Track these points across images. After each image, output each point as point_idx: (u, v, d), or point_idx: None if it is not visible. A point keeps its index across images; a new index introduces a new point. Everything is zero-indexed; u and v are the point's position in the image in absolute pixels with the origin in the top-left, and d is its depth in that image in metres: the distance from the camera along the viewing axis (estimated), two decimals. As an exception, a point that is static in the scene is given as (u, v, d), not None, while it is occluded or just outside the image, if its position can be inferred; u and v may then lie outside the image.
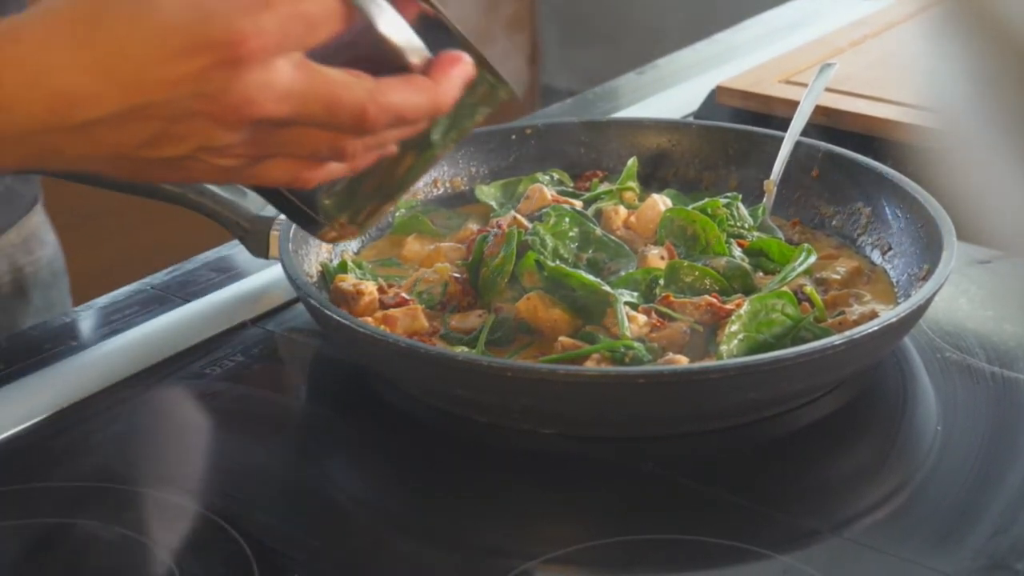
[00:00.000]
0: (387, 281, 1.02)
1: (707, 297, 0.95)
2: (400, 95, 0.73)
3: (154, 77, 0.69)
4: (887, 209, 1.05)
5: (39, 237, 1.22)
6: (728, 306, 0.94)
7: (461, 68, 0.75)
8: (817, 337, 0.90)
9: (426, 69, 0.74)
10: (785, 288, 0.96)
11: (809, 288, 0.98)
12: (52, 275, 1.23)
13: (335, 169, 0.76)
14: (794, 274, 0.99)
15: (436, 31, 0.75)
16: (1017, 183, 0.42)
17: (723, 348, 0.90)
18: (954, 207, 0.93)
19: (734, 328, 0.91)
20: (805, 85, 1.20)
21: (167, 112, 0.70)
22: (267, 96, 0.70)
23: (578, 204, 1.08)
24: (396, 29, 0.73)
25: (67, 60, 0.69)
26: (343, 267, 1.03)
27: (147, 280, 1.09)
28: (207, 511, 0.83)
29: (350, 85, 0.72)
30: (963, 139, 0.43)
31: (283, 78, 0.70)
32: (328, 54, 0.72)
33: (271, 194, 0.80)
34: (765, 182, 1.11)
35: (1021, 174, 0.42)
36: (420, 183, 1.11)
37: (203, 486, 0.87)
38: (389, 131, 0.75)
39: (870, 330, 0.87)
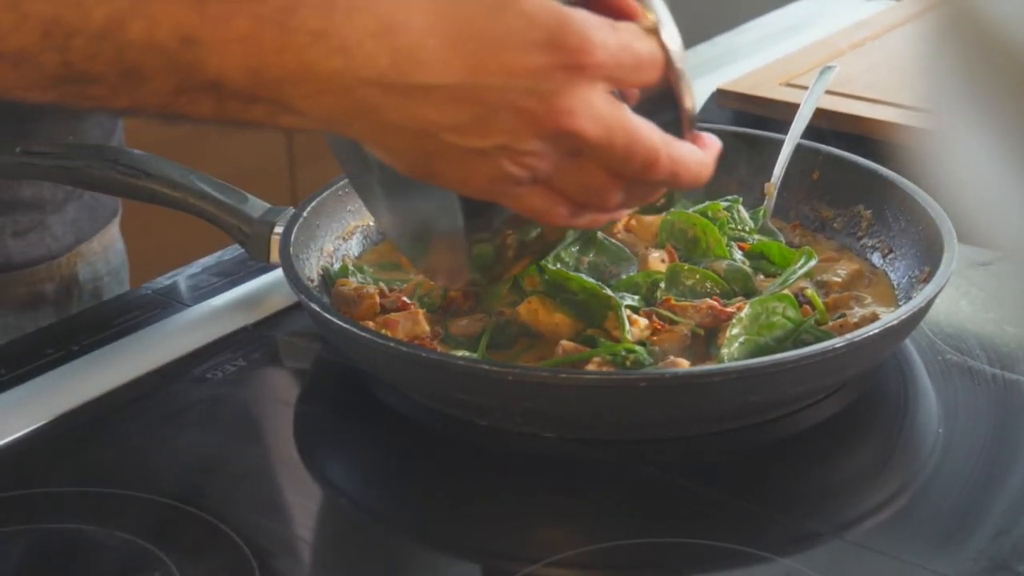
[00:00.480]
0: (388, 285, 1.02)
1: (708, 300, 0.95)
2: (684, 153, 0.78)
3: (501, 61, 0.71)
4: (888, 212, 1.05)
5: (115, 247, 1.24)
6: (729, 309, 0.94)
7: (717, 152, 0.80)
8: (818, 340, 0.90)
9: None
10: (786, 291, 0.96)
11: (810, 291, 0.98)
12: (118, 284, 1.25)
13: (580, 220, 0.79)
14: (795, 277, 0.99)
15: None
16: (1011, 185, 0.42)
17: (724, 351, 0.90)
18: (953, 209, 0.93)
19: (735, 331, 0.91)
20: (806, 88, 1.20)
21: (495, 99, 0.72)
22: (586, 112, 0.73)
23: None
24: (692, 98, 0.79)
25: (422, 22, 0.70)
26: (344, 271, 1.03)
27: (148, 284, 1.09)
28: (209, 515, 0.83)
29: (648, 129, 0.76)
30: (958, 141, 0.43)
31: (601, 102, 0.73)
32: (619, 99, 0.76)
33: (479, 206, 0.81)
34: (766, 185, 1.11)
35: (1014, 176, 0.42)
36: None
37: (205, 491, 0.87)
38: (649, 189, 0.79)
39: (871, 333, 0.87)
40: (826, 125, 1.25)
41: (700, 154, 0.79)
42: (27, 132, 1.10)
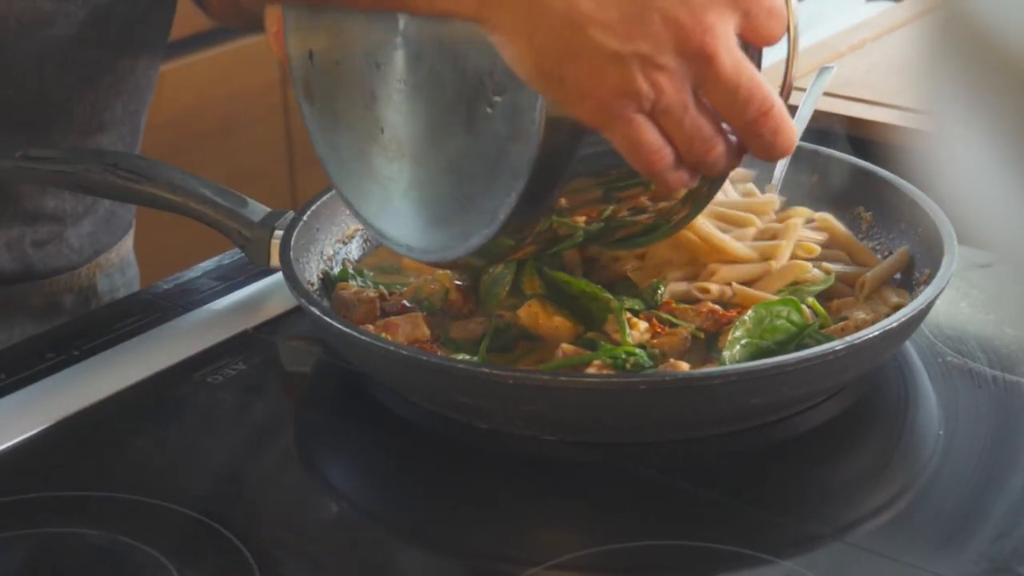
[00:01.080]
0: (388, 288, 1.02)
1: (708, 303, 0.95)
2: (787, 113, 0.80)
3: None
4: (888, 214, 1.05)
5: (129, 259, 1.24)
6: (729, 312, 0.94)
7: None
8: (820, 343, 0.90)
9: None
10: (791, 296, 0.95)
11: (811, 298, 0.97)
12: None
13: (673, 175, 0.80)
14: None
15: None
16: (1010, 188, 0.42)
17: (726, 354, 0.90)
18: (952, 211, 0.93)
19: (738, 334, 0.91)
20: (805, 90, 1.20)
21: (649, 1, 0.74)
22: (724, 40, 0.75)
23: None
24: (795, 67, 0.83)
25: None
26: (344, 275, 1.03)
27: (148, 289, 1.09)
28: (209, 519, 0.83)
29: (763, 78, 0.78)
30: (957, 143, 0.43)
31: (734, 38, 0.76)
32: None
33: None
34: (767, 187, 1.10)
35: (1012, 179, 0.42)
36: None
37: (205, 494, 0.87)
38: (738, 157, 0.81)
39: (871, 335, 0.87)
40: (826, 127, 1.25)
41: (792, 122, 0.81)
42: (52, 143, 1.10)
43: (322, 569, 0.81)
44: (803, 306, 0.93)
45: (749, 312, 0.92)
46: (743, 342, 0.91)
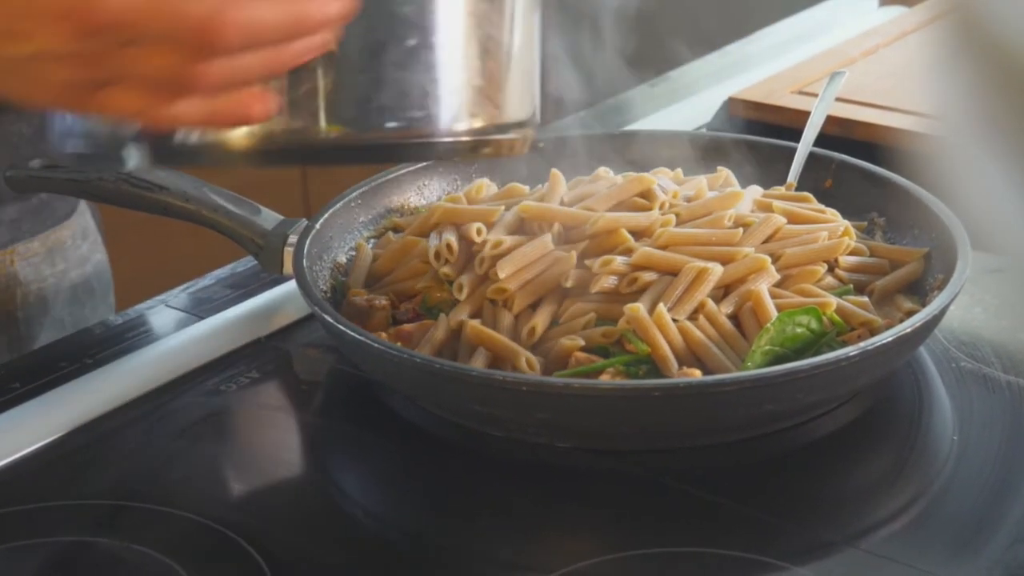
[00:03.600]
0: (397, 296, 1.01)
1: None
2: (256, 9, 0.70)
3: None
4: (901, 219, 1.05)
5: (63, 250, 1.22)
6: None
7: None
8: (835, 351, 0.90)
9: None
10: (813, 304, 0.95)
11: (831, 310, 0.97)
12: (86, 292, 1.23)
13: (187, 107, 0.72)
14: None
15: None
16: (1018, 193, 0.42)
17: (748, 362, 0.90)
18: (965, 215, 0.93)
19: (763, 341, 0.90)
20: (818, 96, 1.20)
21: (22, 2, 0.69)
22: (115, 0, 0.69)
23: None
24: None
25: None
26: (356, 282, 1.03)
27: (161, 297, 1.09)
28: (223, 528, 0.83)
29: None
30: (969, 148, 0.43)
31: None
32: None
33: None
34: (785, 187, 1.10)
35: (1017, 184, 0.42)
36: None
37: (219, 503, 0.87)
38: (244, 55, 0.72)
39: (884, 341, 0.87)
40: (839, 133, 1.25)
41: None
42: None
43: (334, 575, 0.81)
44: (823, 316, 0.92)
45: (774, 320, 0.91)
46: (765, 349, 0.91)
